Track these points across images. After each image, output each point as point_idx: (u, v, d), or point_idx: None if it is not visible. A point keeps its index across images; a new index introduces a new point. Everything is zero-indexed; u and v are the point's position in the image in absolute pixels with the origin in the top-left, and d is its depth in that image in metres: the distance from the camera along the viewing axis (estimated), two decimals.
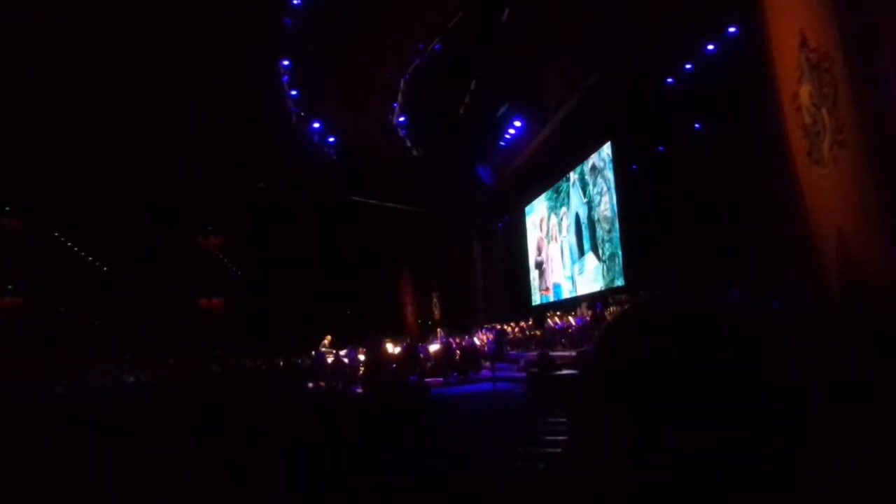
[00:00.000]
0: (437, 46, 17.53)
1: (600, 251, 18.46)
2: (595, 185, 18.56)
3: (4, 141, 18.86)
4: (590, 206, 19.11)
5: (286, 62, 18.22)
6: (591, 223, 19.00)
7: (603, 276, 18.24)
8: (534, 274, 24.86)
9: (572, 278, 20.77)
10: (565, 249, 21.36)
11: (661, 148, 16.46)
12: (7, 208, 24.20)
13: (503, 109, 19.36)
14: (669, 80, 15.20)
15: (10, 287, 24.74)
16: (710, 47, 14.01)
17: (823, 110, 5.68)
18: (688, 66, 14.79)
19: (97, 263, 26.84)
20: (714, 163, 13.73)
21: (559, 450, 4.57)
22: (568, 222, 21.05)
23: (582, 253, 19.88)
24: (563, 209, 21.51)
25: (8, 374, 16.02)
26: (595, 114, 16.67)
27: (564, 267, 21.47)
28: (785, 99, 6.40)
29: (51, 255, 25.08)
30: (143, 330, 24.25)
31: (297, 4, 16.19)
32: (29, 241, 24.27)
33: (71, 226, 25.25)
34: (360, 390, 11.27)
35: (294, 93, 19.27)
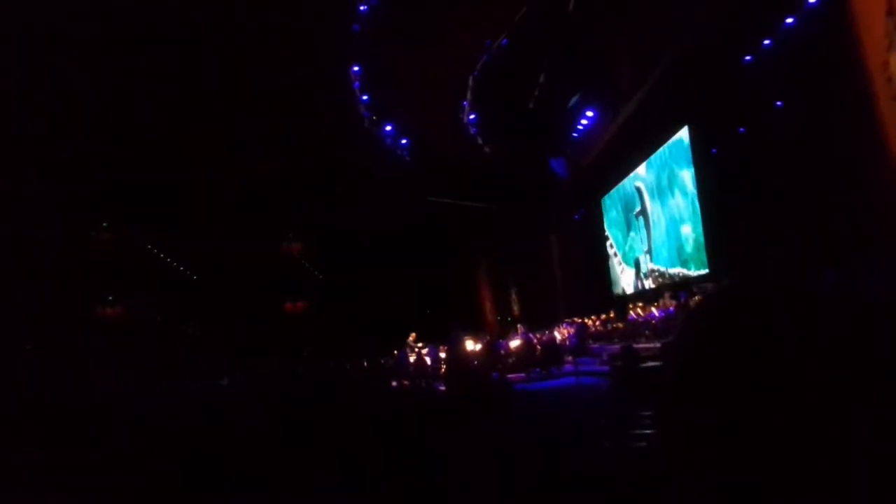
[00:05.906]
0: (504, 41, 17.46)
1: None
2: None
3: (96, 161, 19.98)
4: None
5: (356, 68, 18.55)
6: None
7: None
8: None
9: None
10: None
11: (741, 129, 15.87)
12: (105, 224, 25.60)
13: (574, 100, 19.09)
14: (747, 57, 14.62)
15: (110, 298, 26.19)
16: (789, 20, 13.38)
17: None
18: (766, 42, 14.19)
19: (188, 273, 28.11)
20: (799, 141, 13.12)
21: (645, 443, 4.50)
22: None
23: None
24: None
25: (115, 382, 16.99)
26: (670, 98, 16.21)
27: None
28: (873, 69, 6.08)
29: (145, 266, 26.42)
30: (233, 335, 25.24)
31: (364, 11, 16.46)
32: (125, 254, 25.59)
33: (163, 239, 26.53)
34: (442, 388, 11.39)
35: (365, 98, 19.59)
